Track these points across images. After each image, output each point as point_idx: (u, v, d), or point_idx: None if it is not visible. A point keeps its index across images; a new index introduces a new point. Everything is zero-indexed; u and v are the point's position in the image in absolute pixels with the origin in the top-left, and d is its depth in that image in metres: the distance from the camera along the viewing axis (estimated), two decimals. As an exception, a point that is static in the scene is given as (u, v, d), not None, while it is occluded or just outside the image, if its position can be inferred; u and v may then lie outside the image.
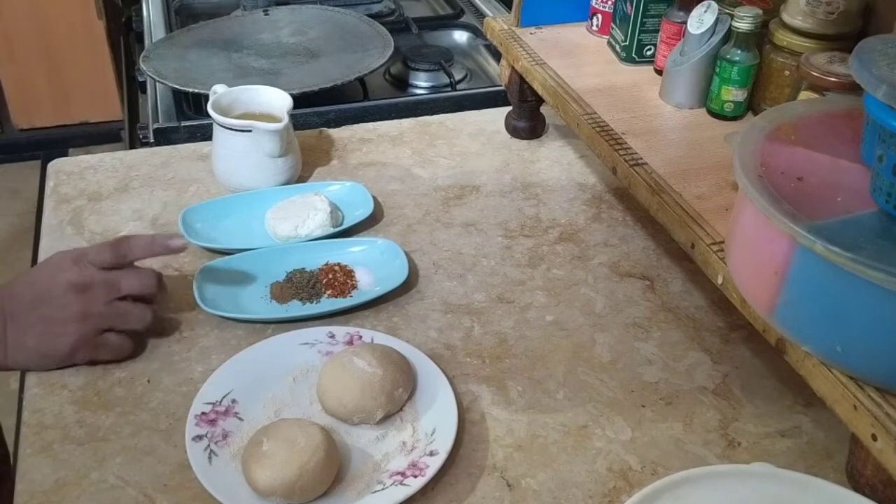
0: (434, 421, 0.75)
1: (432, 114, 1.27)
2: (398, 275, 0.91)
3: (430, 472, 0.69)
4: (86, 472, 0.71)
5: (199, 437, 0.72)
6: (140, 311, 0.81)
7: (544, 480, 0.72)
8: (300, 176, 1.09)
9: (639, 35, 1.05)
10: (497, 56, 1.39)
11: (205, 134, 1.16)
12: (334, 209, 0.99)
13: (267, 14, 1.52)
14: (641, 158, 0.87)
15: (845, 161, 0.67)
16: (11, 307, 0.77)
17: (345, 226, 0.99)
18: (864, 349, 0.60)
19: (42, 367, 0.79)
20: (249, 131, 1.00)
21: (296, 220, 0.96)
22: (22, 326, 0.77)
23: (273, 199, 1.01)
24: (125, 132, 1.92)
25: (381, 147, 1.18)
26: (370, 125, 1.23)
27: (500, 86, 1.21)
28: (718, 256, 0.73)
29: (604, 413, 0.78)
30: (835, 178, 0.66)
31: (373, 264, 0.93)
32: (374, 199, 1.03)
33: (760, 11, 0.89)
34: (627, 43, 1.06)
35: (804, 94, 0.83)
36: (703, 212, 0.79)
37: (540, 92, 1.06)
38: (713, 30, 0.93)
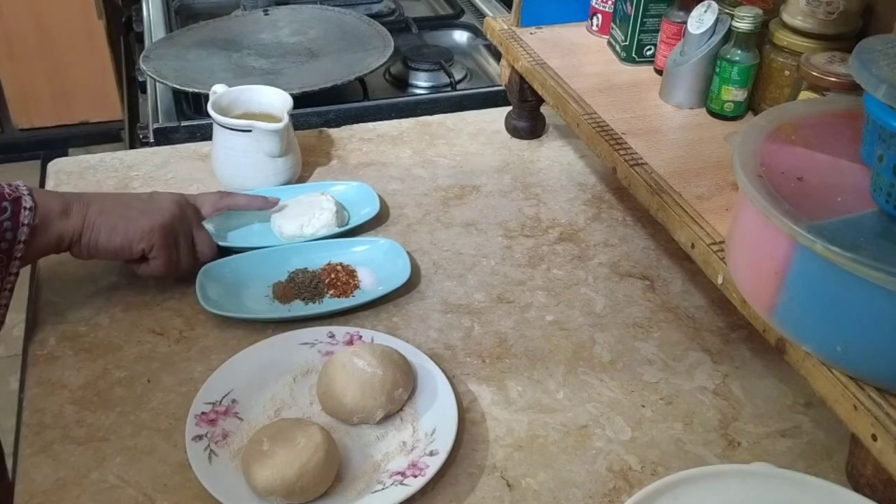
0: (434, 421, 0.75)
1: (432, 114, 1.27)
2: (401, 275, 0.91)
3: (430, 472, 0.69)
4: (86, 471, 0.71)
5: (199, 437, 0.72)
6: (193, 258, 0.89)
7: (544, 480, 0.72)
8: (300, 176, 1.09)
9: (639, 35, 1.05)
10: (497, 56, 1.39)
11: (205, 134, 1.17)
12: (340, 209, 0.99)
13: (267, 14, 1.52)
14: (641, 158, 0.87)
15: (845, 161, 0.67)
16: (92, 198, 0.83)
17: (350, 225, 0.99)
18: (864, 349, 0.60)
19: (116, 242, 0.83)
20: (249, 131, 1.00)
21: (301, 219, 0.96)
22: (113, 205, 0.84)
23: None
24: (125, 132, 1.92)
25: (381, 147, 1.18)
26: (370, 125, 1.23)
27: (500, 86, 1.21)
28: (718, 256, 0.73)
29: (604, 413, 0.78)
30: (835, 178, 0.66)
31: (375, 264, 0.93)
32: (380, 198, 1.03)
33: (760, 11, 0.89)
34: (627, 43, 1.06)
35: (804, 94, 0.83)
36: (703, 212, 0.79)
37: (540, 92, 1.06)
38: (713, 30, 0.93)
